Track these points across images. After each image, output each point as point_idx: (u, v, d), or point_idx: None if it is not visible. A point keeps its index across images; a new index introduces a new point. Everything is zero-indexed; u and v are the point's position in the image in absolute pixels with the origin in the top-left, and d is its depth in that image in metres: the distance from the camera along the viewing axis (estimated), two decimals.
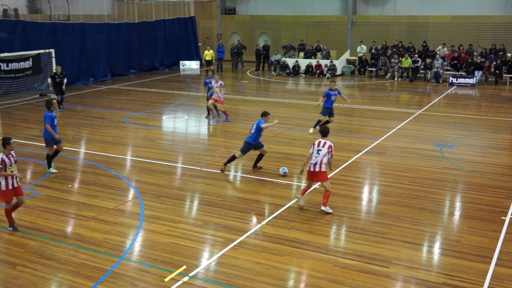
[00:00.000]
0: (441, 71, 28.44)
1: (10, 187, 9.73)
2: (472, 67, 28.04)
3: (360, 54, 31.75)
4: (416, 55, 29.47)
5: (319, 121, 17.27)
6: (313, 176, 10.79)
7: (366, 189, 12.47)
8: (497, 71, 27.65)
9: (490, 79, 28.00)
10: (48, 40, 26.32)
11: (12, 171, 9.70)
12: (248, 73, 33.19)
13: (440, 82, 28.17)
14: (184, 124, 18.96)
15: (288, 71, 31.92)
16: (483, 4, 31.73)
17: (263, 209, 11.17)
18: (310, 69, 31.61)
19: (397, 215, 10.65)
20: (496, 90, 26.39)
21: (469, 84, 27.02)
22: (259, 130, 13.26)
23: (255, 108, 22.24)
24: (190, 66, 35.12)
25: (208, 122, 19.20)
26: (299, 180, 12.93)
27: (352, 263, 8.66)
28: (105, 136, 17.17)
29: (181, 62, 35.47)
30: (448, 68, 29.13)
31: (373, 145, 15.88)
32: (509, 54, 28.69)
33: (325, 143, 10.75)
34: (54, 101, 13.49)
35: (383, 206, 11.24)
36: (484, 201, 11.39)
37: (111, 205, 11.28)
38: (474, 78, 27.26)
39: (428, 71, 29.00)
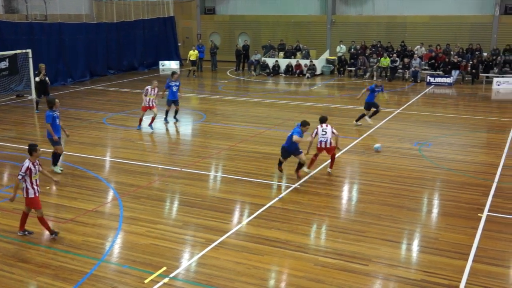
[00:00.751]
0: (419, 70, 28.75)
1: (37, 194, 9.51)
2: (449, 67, 28.40)
3: (339, 54, 31.93)
4: (395, 55, 29.76)
5: (363, 115, 18.34)
6: (326, 150, 12.92)
7: (346, 188, 12.54)
8: (473, 71, 28.04)
9: (466, 78, 28.39)
10: (25, 40, 25.91)
11: (36, 179, 9.46)
12: (228, 73, 33.15)
13: (418, 81, 28.47)
14: (163, 124, 18.84)
15: (268, 71, 31.96)
16: (460, 5, 32.14)
17: (243, 209, 11.16)
18: (290, 69, 31.69)
19: (377, 213, 10.73)
20: (472, 89, 26.76)
21: (446, 83, 27.36)
22: (290, 140, 12.50)
23: (234, 108, 22.23)
24: (170, 66, 34.94)
25: (173, 121, 19.05)
26: (279, 179, 12.95)
27: (332, 262, 8.70)
28: (83, 137, 16.98)
29: (160, 62, 35.27)
30: (426, 67, 29.45)
31: (353, 144, 15.98)
32: (485, 54, 29.14)
33: (327, 125, 12.94)
34: (57, 100, 13.25)
35: (363, 205, 11.31)
36: (462, 199, 11.54)
37: (90, 206, 11.16)
38: (451, 77, 27.61)
39: (406, 70, 29.29)
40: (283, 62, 32.16)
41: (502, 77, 26.89)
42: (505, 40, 29.95)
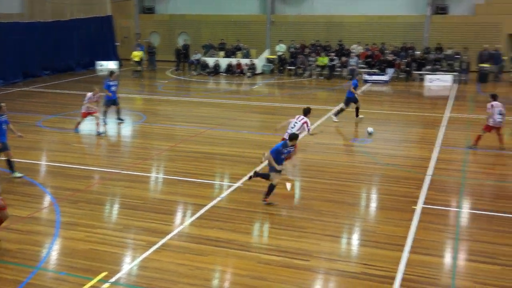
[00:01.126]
0: (356, 68, 29.48)
1: None
2: (384, 65, 29.29)
3: (279, 53, 32.25)
4: (333, 54, 30.39)
5: (341, 110, 19.11)
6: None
7: (288, 186, 12.68)
8: (407, 68, 29.05)
9: (401, 76, 29.36)
10: None
11: None
12: (167, 72, 32.79)
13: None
14: (102, 126, 18.38)
15: (208, 70, 31.86)
16: (394, 5, 33.14)
17: (185, 210, 11.09)
18: (231, 68, 31.72)
19: (318, 209, 10.92)
20: (406, 86, 27.70)
21: (382, 81, 28.20)
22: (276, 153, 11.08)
23: (175, 108, 22.04)
24: (108, 66, 34.18)
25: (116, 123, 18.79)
26: (221, 179, 12.95)
27: (275, 259, 8.79)
28: (17, 141, 16.28)
29: (98, 62, 34.44)
30: (363, 65, 30.24)
31: None
32: (418, 52, 30.24)
33: (302, 118, 13.04)
34: (3, 104, 12.66)
35: (305, 201, 11.50)
36: (398, 192, 11.94)
37: (25, 213, 10.75)
38: (387, 75, 28.49)
39: (344, 69, 29.97)
40: (224, 62, 32.15)
41: (434, 74, 28.00)
42: (436, 39, 31.20)
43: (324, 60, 30.15)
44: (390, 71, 28.99)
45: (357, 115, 19.15)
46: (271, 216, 10.69)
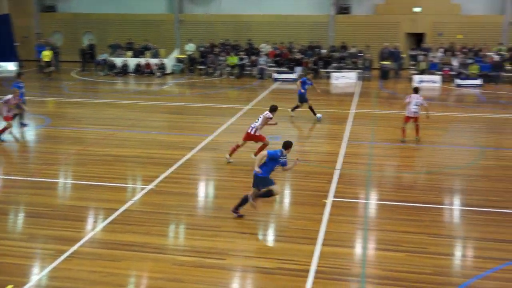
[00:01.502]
0: (265, 67, 29.96)
1: None
2: (293, 63, 30.00)
3: (189, 53, 32.06)
4: (242, 53, 30.68)
5: (297, 106, 19.57)
6: (249, 137, 13.75)
7: (201, 186, 12.68)
8: (315, 67, 29.95)
9: (308, 74, 30.16)
10: None
11: None
12: (73, 73, 31.54)
13: (265, 78, 29.68)
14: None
15: (116, 70, 31.02)
16: (300, 5, 34.00)
17: (96, 215, 10.74)
18: (140, 68, 31.09)
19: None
20: (314, 83, 28.45)
21: (291, 79, 28.86)
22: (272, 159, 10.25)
23: (82, 110, 21.25)
24: (7, 67, 32.27)
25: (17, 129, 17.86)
26: (132, 182, 12.70)
27: (190, 260, 8.75)
28: None
29: None
30: (272, 64, 30.78)
31: (206, 141, 16.17)
32: (324, 51, 31.26)
33: (266, 113, 13.80)
34: None
35: (218, 201, 11.54)
36: (309, 187, 12.30)
37: None
38: (295, 73, 29.21)
39: (253, 68, 30.36)
40: (132, 62, 31.43)
41: (339, 72, 29.07)
42: (341, 38, 32.43)
43: (233, 59, 30.36)
44: (299, 70, 29.74)
45: (292, 110, 19.65)
46: (185, 217, 10.62)
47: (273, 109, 14.19)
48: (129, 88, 27.99)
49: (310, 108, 19.36)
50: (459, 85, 26.78)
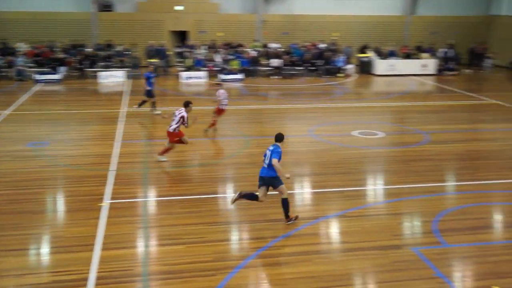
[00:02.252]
0: (24, 68, 27.65)
1: None
2: (56, 63, 28.25)
3: None
4: None
5: (144, 101, 19.46)
6: (168, 134, 13.64)
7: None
8: (80, 66, 28.68)
9: (74, 74, 28.80)
10: None
11: None
12: None
13: (25, 79, 27.40)
14: None
15: None
16: (57, 1, 32.10)
17: None
18: None
19: None
20: (80, 84, 27.27)
21: (54, 80, 27.17)
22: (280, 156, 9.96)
23: None
24: None
25: None
26: None
27: None
28: None
29: None
30: (31, 65, 28.52)
31: None
32: (88, 49, 30.09)
33: (180, 112, 13.43)
34: None
35: None
36: (82, 192, 11.74)
37: None
38: (59, 73, 27.58)
39: (10, 69, 27.76)
40: None
41: (107, 71, 28.34)
42: (106, 36, 31.62)
43: None
44: (62, 70, 28.14)
45: (139, 105, 19.68)
46: None
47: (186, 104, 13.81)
48: None
49: (144, 102, 19.64)
50: (223, 80, 28.33)
